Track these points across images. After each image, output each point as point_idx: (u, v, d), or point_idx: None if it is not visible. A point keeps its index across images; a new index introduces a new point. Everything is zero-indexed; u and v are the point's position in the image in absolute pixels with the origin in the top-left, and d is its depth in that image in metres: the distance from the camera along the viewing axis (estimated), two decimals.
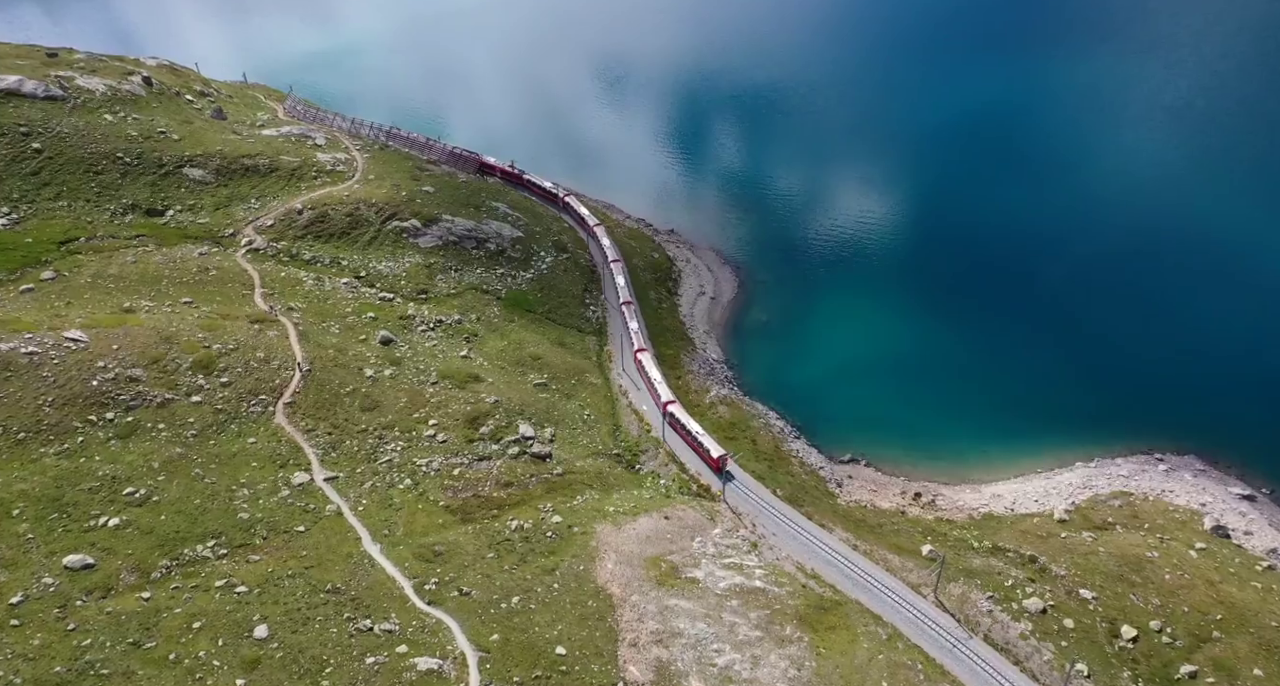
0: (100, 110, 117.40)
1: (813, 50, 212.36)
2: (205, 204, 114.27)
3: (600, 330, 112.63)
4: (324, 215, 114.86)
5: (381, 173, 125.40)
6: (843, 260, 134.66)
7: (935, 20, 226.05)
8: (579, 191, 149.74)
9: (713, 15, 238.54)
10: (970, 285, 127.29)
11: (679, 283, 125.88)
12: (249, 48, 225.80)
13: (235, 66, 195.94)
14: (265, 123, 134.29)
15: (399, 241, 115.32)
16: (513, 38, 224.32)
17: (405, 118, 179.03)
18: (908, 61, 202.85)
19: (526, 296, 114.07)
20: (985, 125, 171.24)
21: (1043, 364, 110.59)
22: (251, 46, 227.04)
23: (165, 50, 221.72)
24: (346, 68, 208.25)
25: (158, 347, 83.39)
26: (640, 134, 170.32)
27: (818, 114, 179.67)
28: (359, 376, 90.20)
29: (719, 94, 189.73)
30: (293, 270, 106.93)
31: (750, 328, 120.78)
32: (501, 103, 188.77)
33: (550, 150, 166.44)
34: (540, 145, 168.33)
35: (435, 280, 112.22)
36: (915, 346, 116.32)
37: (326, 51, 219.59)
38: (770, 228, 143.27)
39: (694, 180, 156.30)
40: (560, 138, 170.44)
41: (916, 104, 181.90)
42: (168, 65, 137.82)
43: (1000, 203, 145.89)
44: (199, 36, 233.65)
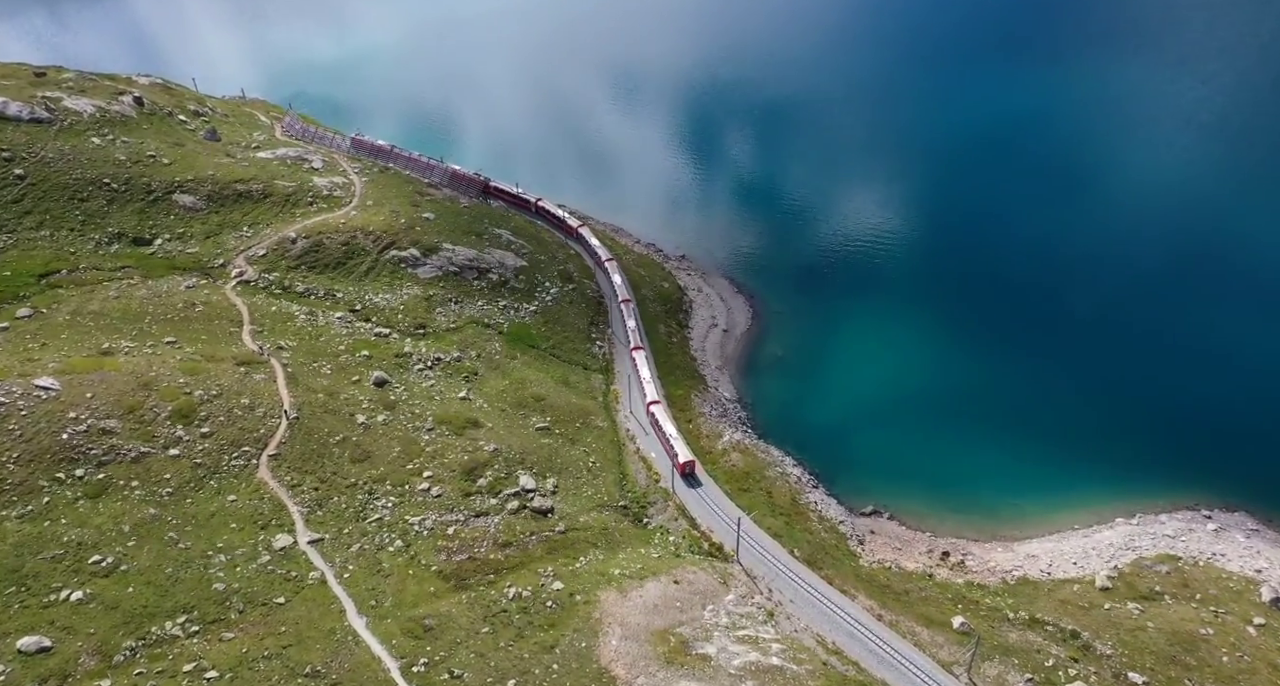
0: (88, 133, 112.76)
1: (830, 61, 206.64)
2: (195, 232, 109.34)
3: (607, 367, 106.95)
4: (319, 244, 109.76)
5: (380, 198, 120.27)
6: (861, 288, 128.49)
7: (958, 29, 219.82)
8: (586, 214, 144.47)
9: (726, 25, 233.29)
10: (997, 315, 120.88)
11: (690, 314, 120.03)
12: (258, 55, 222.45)
13: (238, 79, 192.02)
14: (261, 143, 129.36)
15: (397, 272, 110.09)
16: (523, 50, 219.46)
17: (410, 131, 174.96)
18: (930, 72, 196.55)
19: (530, 330, 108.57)
20: (1011, 141, 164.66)
21: (1077, 404, 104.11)
22: (260, 55, 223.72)
23: (175, 57, 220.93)
24: (353, 78, 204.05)
25: (135, 395, 78.26)
26: (651, 152, 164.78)
27: (835, 129, 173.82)
28: (350, 423, 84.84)
29: (732, 108, 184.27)
30: (284, 304, 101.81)
31: (765, 363, 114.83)
32: (508, 118, 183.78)
33: (558, 169, 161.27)
34: (547, 164, 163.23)
35: (434, 313, 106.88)
36: (939, 384, 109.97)
37: (335, 61, 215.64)
38: (785, 252, 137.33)
39: (706, 201, 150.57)
40: (568, 156, 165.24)
41: (940, 117, 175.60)
42: (161, 83, 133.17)
43: (1029, 225, 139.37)
44: (209, 44, 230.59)
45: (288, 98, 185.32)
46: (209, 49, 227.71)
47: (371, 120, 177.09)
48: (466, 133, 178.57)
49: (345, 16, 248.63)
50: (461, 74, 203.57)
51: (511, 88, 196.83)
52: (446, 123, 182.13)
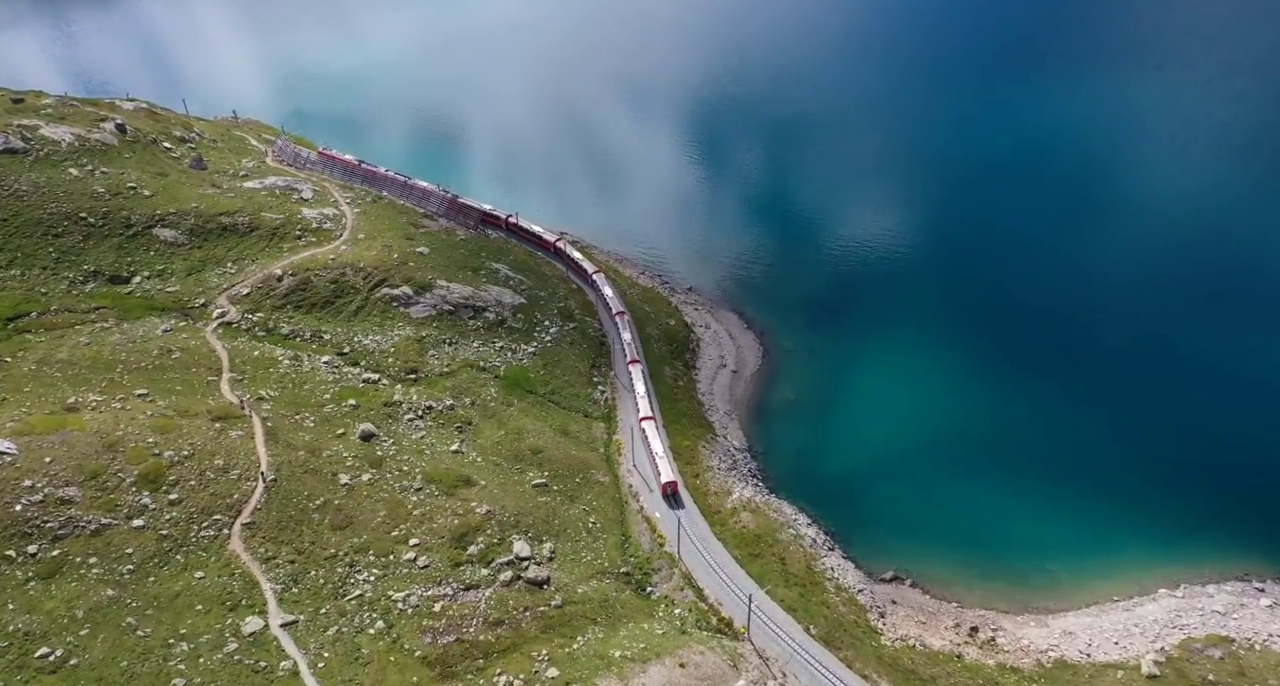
0: (65, 163, 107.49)
1: (843, 77, 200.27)
2: (176, 269, 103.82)
3: (609, 415, 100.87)
4: (306, 282, 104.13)
5: (372, 230, 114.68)
6: (877, 322, 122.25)
7: (976, 43, 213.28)
8: (589, 242, 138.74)
9: (736, 41, 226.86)
10: (1025, 350, 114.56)
11: (697, 354, 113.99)
12: (266, 65, 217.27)
13: (242, 92, 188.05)
14: (250, 171, 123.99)
15: (388, 311, 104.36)
16: (529, 67, 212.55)
17: (411, 151, 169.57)
18: (947, 88, 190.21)
19: (528, 374, 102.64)
20: (1033, 161, 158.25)
21: (1113, 452, 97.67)
22: (268, 65, 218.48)
23: (184, 68, 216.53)
24: (356, 93, 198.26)
25: (99, 458, 72.50)
26: (657, 176, 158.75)
27: (848, 150, 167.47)
28: (332, 485, 78.91)
29: (741, 129, 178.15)
30: (268, 347, 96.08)
31: (776, 407, 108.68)
32: (512, 138, 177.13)
33: (561, 193, 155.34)
34: (551, 187, 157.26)
35: (427, 356, 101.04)
36: (963, 428, 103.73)
37: (340, 74, 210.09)
38: (796, 282, 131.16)
39: (715, 228, 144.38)
40: (572, 179, 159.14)
41: (958, 136, 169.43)
42: (146, 108, 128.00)
43: (1055, 251, 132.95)
44: (219, 54, 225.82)
45: (286, 116, 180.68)
46: (217, 59, 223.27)
47: (370, 139, 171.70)
48: (468, 153, 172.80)
49: (356, 28, 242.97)
50: (466, 92, 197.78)
51: (516, 107, 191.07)
52: (448, 143, 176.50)
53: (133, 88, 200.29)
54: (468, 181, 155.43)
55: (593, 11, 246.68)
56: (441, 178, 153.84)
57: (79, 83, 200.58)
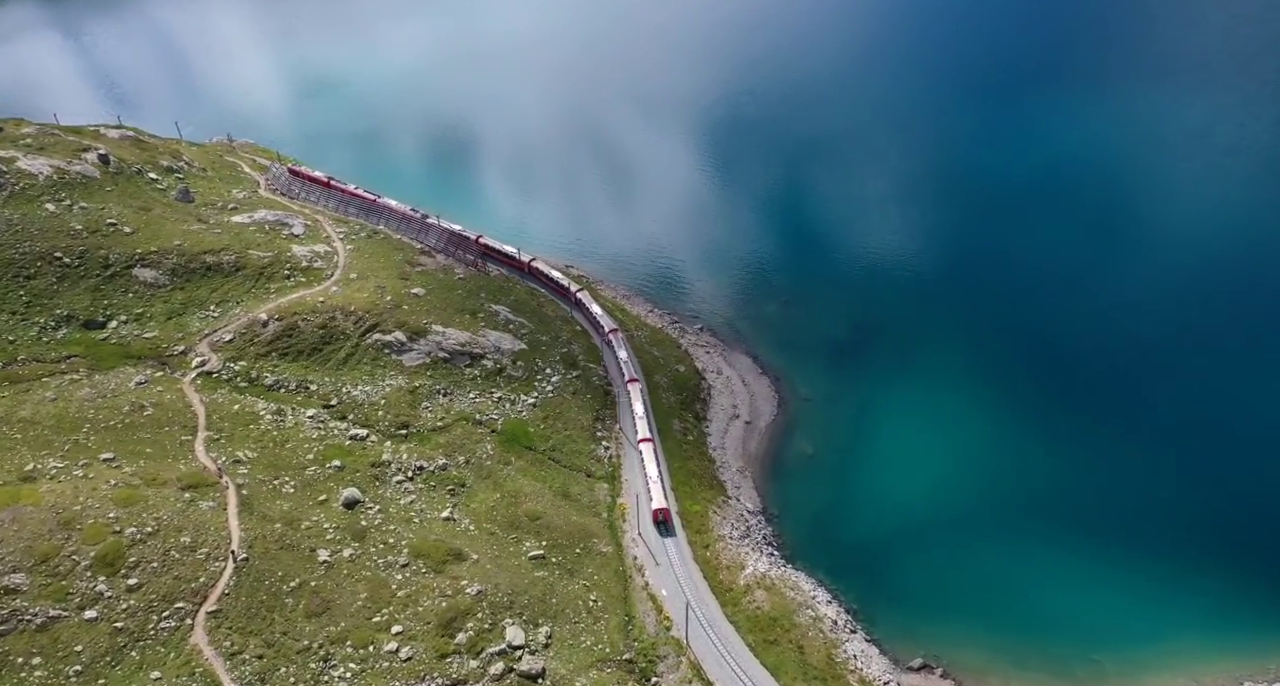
0: (41, 198, 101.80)
1: (862, 96, 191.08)
2: (155, 312, 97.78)
3: (613, 474, 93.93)
4: (293, 327, 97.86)
5: (365, 269, 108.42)
6: (900, 367, 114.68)
7: (1004, 58, 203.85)
8: (597, 276, 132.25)
9: (750, 57, 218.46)
10: (1066, 400, 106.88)
11: (708, 404, 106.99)
12: (272, 79, 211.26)
13: (240, 111, 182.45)
14: (239, 204, 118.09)
15: (380, 359, 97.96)
16: (542, 88, 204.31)
17: (419, 170, 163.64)
18: (974, 107, 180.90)
19: (527, 428, 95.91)
20: (1070, 185, 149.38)
21: (1167, 519, 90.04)
22: (275, 78, 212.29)
23: (192, 77, 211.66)
24: (361, 108, 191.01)
25: (53, 538, 66.22)
26: (669, 206, 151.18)
27: (868, 175, 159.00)
28: (309, 563, 72.35)
29: (755, 153, 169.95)
30: (249, 400, 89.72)
31: (793, 463, 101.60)
32: (522, 164, 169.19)
33: (570, 224, 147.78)
34: (561, 218, 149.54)
35: (419, 409, 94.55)
36: (998, 490, 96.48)
37: (348, 90, 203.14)
38: (814, 322, 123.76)
39: (728, 262, 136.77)
40: (582, 211, 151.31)
41: (987, 159, 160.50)
42: (133, 136, 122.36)
43: (1096, 286, 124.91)
44: (224, 69, 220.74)
45: (288, 135, 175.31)
46: (222, 73, 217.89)
47: (373, 161, 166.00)
48: (474, 176, 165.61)
49: (365, 43, 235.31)
50: (473, 111, 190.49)
51: (525, 127, 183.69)
52: (454, 166, 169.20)
53: (138, 99, 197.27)
54: (472, 207, 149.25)
55: (604, 27, 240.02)
56: (445, 203, 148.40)
57: (88, 95, 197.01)
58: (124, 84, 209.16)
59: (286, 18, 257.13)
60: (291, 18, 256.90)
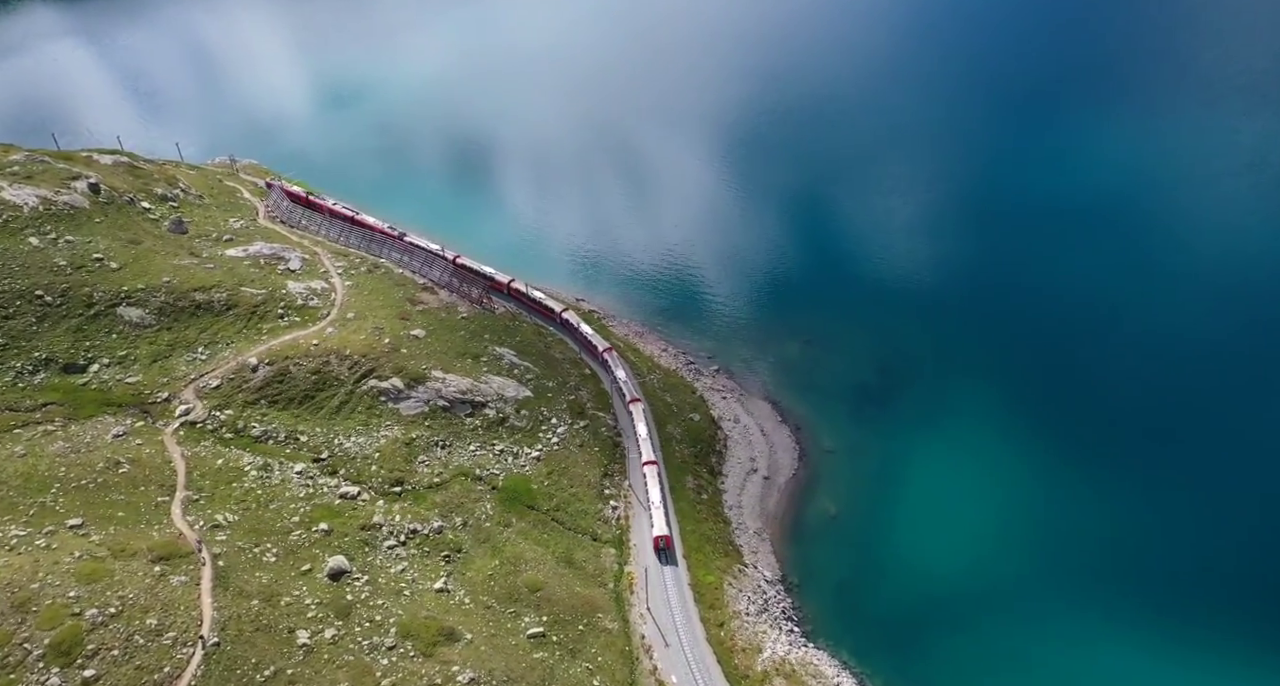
0: (25, 231, 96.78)
1: (893, 115, 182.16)
2: (140, 355, 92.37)
3: (621, 538, 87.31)
4: (284, 373, 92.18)
5: (364, 308, 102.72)
6: (933, 418, 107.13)
7: (1046, 74, 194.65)
8: (610, 311, 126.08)
9: (772, 72, 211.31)
10: (1123, 447, 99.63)
11: (724, 457, 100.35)
12: (293, 84, 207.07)
13: (250, 123, 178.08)
14: (235, 234, 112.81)
15: (375, 407, 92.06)
16: (562, 108, 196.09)
17: (426, 192, 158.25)
18: (1011, 126, 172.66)
19: (530, 485, 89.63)
20: (1120, 213, 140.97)
21: (1247, 589, 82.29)
22: (297, 85, 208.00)
23: (213, 82, 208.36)
24: (379, 123, 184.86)
25: (4, 622, 60.26)
26: (687, 239, 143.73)
27: (900, 202, 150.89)
28: (287, 646, 66.25)
29: (777, 175, 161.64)
30: (235, 453, 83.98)
31: (815, 524, 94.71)
32: (536, 190, 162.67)
33: (581, 254, 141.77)
34: (572, 245, 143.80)
35: (415, 463, 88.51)
36: (1046, 552, 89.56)
37: (367, 101, 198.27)
38: (838, 366, 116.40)
39: (748, 299, 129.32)
40: (593, 240, 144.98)
41: (1031, 184, 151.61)
42: (127, 162, 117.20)
43: (1152, 326, 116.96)
44: (245, 71, 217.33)
45: (296, 152, 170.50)
46: (236, 77, 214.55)
47: (376, 179, 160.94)
48: (484, 199, 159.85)
49: (386, 51, 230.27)
50: (487, 132, 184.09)
51: (538, 149, 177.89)
52: (462, 187, 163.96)
53: (147, 110, 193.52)
54: (481, 231, 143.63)
55: (624, 44, 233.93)
56: (453, 227, 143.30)
57: (98, 106, 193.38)
58: (135, 95, 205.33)
59: (303, 29, 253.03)
60: (307, 29, 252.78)
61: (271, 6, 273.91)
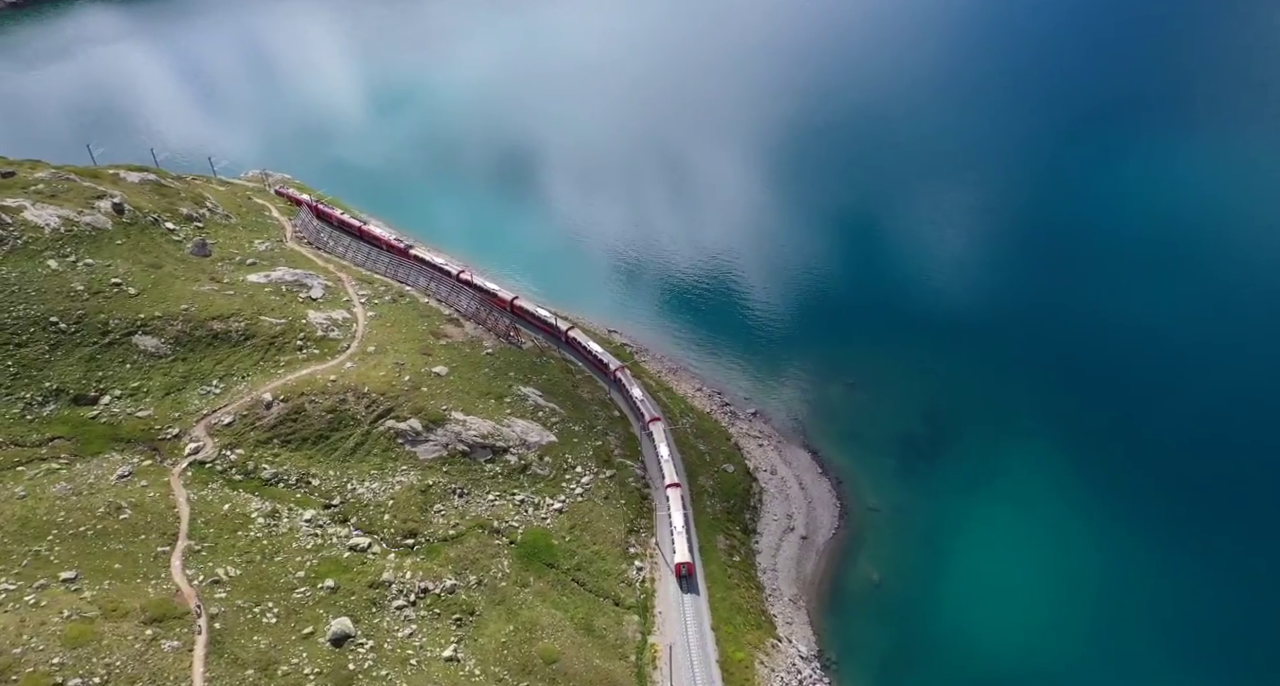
0: (44, 254, 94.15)
1: (945, 137, 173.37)
2: (153, 386, 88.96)
3: (645, 605, 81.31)
4: (299, 410, 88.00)
5: (385, 341, 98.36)
6: (989, 473, 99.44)
7: (1109, 91, 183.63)
8: (643, 344, 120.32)
9: (822, 89, 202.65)
10: (1204, 507, 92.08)
11: (759, 513, 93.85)
12: (335, 92, 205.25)
13: (292, 131, 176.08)
14: (259, 259, 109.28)
15: (391, 450, 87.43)
16: (613, 118, 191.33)
17: (460, 204, 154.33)
18: (1074, 147, 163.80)
19: (550, 541, 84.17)
20: (1190, 243, 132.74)
21: None
22: (340, 93, 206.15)
23: (254, 82, 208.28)
24: (416, 136, 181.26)
25: None
26: (725, 269, 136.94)
27: (949, 231, 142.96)
28: None
29: (823, 202, 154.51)
30: (243, 498, 79.89)
31: (856, 592, 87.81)
32: (574, 208, 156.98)
33: (616, 279, 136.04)
34: (606, 276, 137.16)
35: (431, 513, 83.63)
36: (1115, 625, 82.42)
37: (409, 111, 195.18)
38: (884, 412, 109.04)
39: (788, 335, 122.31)
40: (631, 270, 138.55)
41: (1090, 211, 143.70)
42: (154, 180, 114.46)
43: (1229, 362, 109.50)
44: (289, 76, 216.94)
45: (327, 164, 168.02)
46: (277, 83, 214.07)
47: (409, 192, 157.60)
48: (515, 216, 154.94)
49: (435, 56, 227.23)
50: (529, 143, 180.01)
51: (578, 165, 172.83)
52: (495, 203, 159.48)
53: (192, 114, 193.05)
54: (514, 257, 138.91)
55: (670, 56, 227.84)
56: (490, 247, 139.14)
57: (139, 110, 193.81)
58: (177, 103, 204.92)
59: (350, 36, 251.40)
60: (354, 36, 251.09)
61: (319, 11, 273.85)
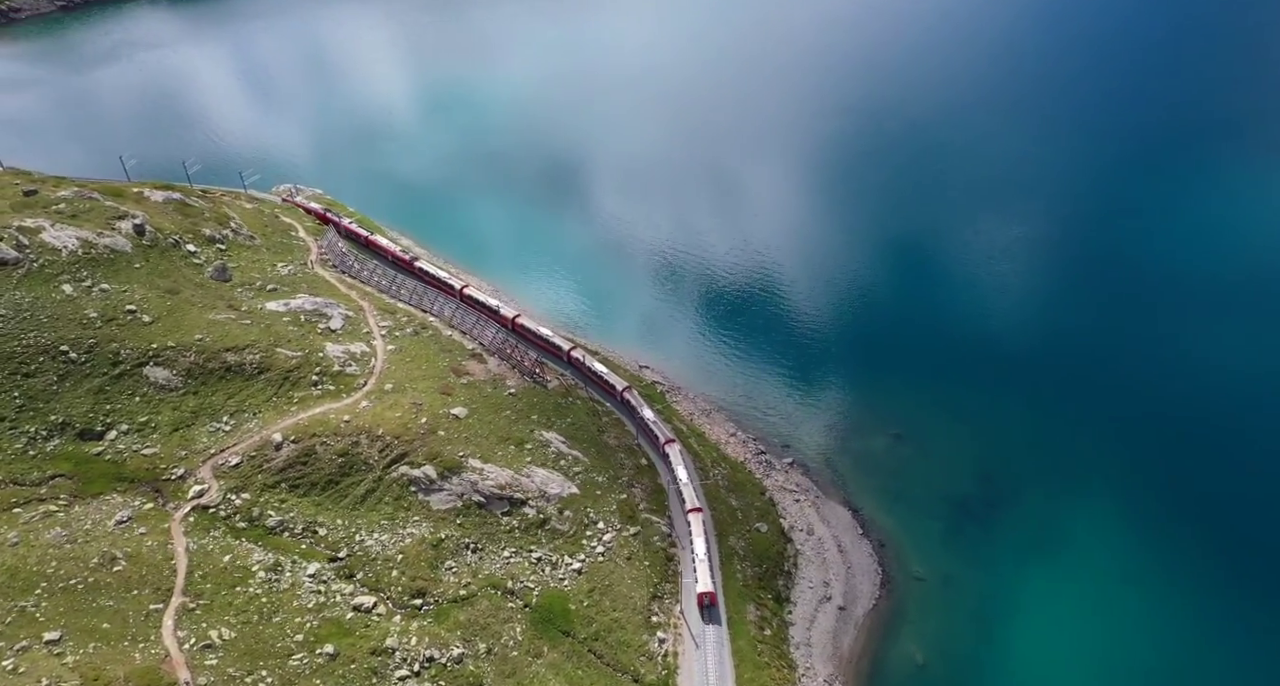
0: (60, 278, 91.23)
1: (1009, 165, 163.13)
2: (162, 421, 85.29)
3: (667, 683, 75.19)
4: (309, 452, 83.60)
5: (404, 378, 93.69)
6: (1050, 542, 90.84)
7: (1198, 113, 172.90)
8: (674, 381, 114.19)
9: (873, 111, 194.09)
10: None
11: (794, 579, 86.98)
12: (377, 100, 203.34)
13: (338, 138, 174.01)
14: (280, 284, 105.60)
15: (404, 498, 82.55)
16: (654, 133, 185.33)
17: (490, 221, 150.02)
18: (1155, 174, 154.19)
19: (567, 605, 78.44)
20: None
21: None
22: (382, 101, 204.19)
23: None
24: (455, 148, 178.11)
25: None
26: (770, 300, 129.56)
27: (1009, 268, 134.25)
28: None
29: (874, 234, 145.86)
30: (245, 548, 75.52)
31: (897, 672, 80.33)
32: (609, 230, 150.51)
33: (649, 308, 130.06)
34: (640, 305, 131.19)
35: (441, 570, 78.47)
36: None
37: (454, 117, 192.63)
38: (932, 467, 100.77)
39: (830, 378, 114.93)
40: (666, 295, 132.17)
41: (1167, 246, 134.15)
42: (179, 198, 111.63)
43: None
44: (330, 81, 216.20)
45: (361, 176, 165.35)
46: (318, 88, 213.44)
47: (436, 208, 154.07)
48: (548, 240, 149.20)
49: (480, 66, 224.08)
50: (568, 158, 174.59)
51: (614, 182, 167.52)
52: (526, 224, 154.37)
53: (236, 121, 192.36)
54: (544, 285, 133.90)
55: (719, 72, 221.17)
56: (518, 273, 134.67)
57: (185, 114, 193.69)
58: (217, 110, 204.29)
59: (391, 45, 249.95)
60: (396, 45, 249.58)
61: (362, 17, 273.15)
